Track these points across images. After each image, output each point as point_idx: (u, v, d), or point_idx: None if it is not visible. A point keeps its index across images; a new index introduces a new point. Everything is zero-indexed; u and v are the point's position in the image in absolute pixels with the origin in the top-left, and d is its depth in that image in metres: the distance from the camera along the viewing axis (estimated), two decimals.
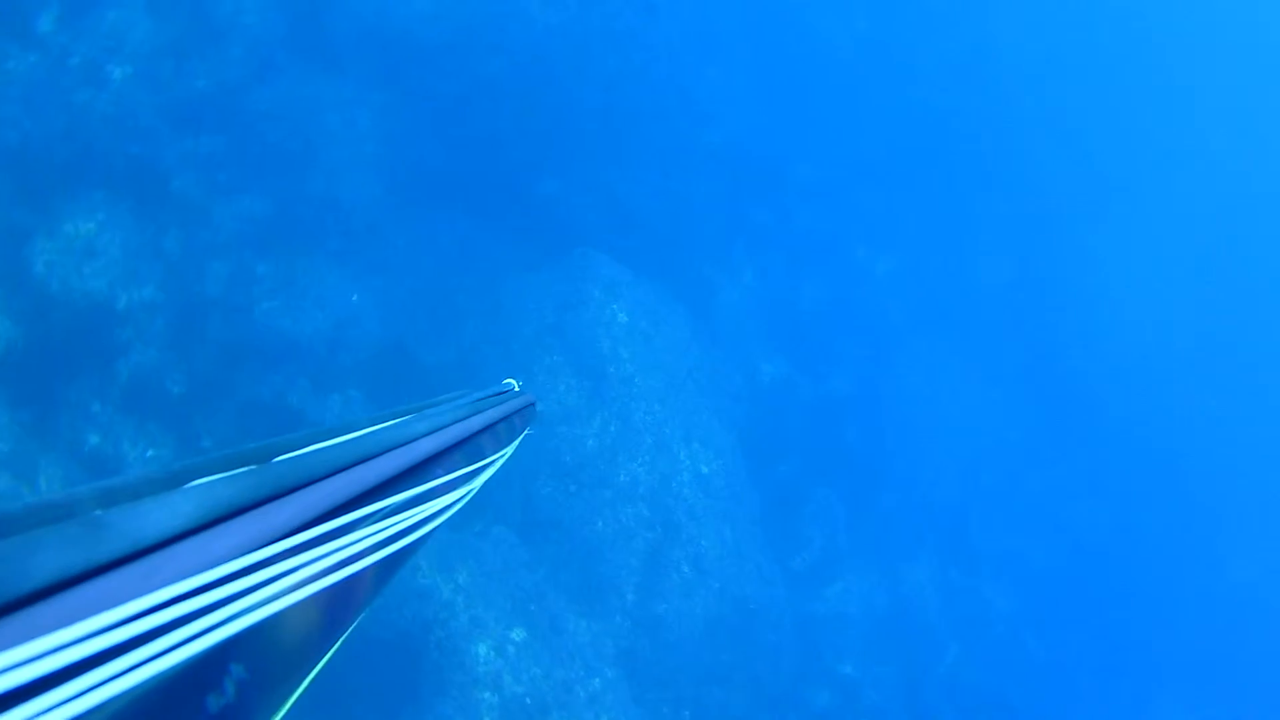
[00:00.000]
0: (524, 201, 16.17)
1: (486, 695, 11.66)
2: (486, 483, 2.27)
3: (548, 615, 12.76)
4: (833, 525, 17.92)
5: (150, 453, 12.10)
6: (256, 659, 1.17)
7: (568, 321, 14.70)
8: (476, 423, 2.18)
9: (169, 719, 1.01)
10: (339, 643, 1.50)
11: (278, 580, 1.18)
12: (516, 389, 2.78)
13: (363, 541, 1.45)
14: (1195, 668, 23.00)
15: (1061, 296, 25.23)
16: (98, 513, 0.98)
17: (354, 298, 13.86)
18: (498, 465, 2.40)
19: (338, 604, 1.42)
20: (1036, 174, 25.59)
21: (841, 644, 17.39)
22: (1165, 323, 26.88)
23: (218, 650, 1.06)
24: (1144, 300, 26.72)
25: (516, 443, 2.57)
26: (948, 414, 21.53)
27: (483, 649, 11.93)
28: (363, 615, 1.61)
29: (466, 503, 2.13)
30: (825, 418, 19.14)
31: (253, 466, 1.26)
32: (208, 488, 1.14)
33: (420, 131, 15.25)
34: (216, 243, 13.23)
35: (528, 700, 11.88)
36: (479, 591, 12.13)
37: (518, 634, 12.31)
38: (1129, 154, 27.97)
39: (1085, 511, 23.22)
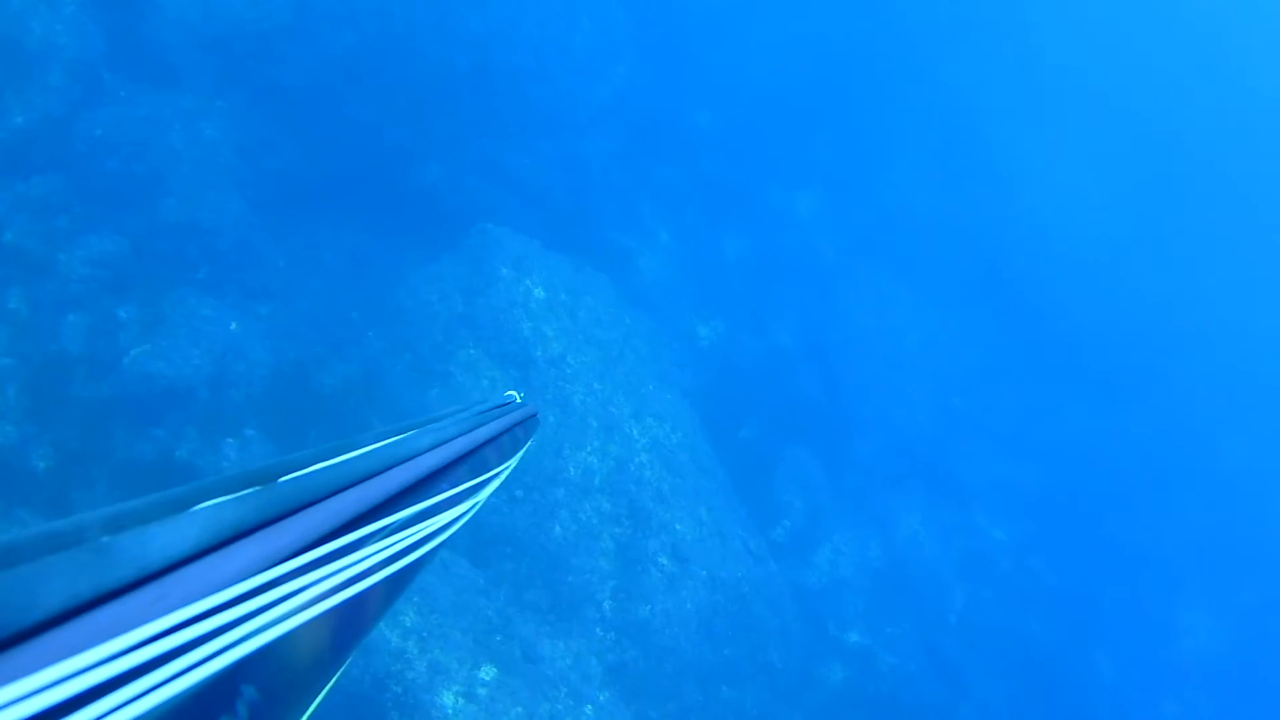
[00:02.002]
0: (407, 194, 14.87)
1: None
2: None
3: (518, 644, 10.98)
4: (810, 485, 16.43)
5: None
6: (268, 680, 1.16)
7: (478, 308, 12.98)
8: (480, 435, 2.16)
9: None
10: (349, 661, 1.50)
11: (287, 600, 1.19)
12: (519, 400, 2.76)
13: (370, 558, 1.44)
14: (1209, 559, 21.85)
15: (999, 207, 24.14)
16: (105, 539, 0.98)
17: (233, 326, 12.25)
18: (502, 478, 2.37)
19: (347, 622, 1.40)
20: (951, 86, 24.53)
21: (843, 612, 15.93)
22: (1109, 216, 25.79)
23: (229, 672, 1.06)
24: (1083, 197, 25.63)
25: (520, 455, 2.56)
26: (905, 347, 20.21)
27: (449, 698, 10.20)
28: (371, 633, 1.62)
29: (471, 517, 2.08)
30: (777, 373, 17.80)
31: (258, 487, 1.25)
32: (214, 510, 1.14)
33: (276, 134, 13.85)
34: (68, 294, 11.68)
35: None
36: (433, 632, 10.32)
37: (487, 672, 10.57)
38: (1049, 55, 26.90)
39: (1066, 422, 22.06)
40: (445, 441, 1.90)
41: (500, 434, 2.35)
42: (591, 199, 16.86)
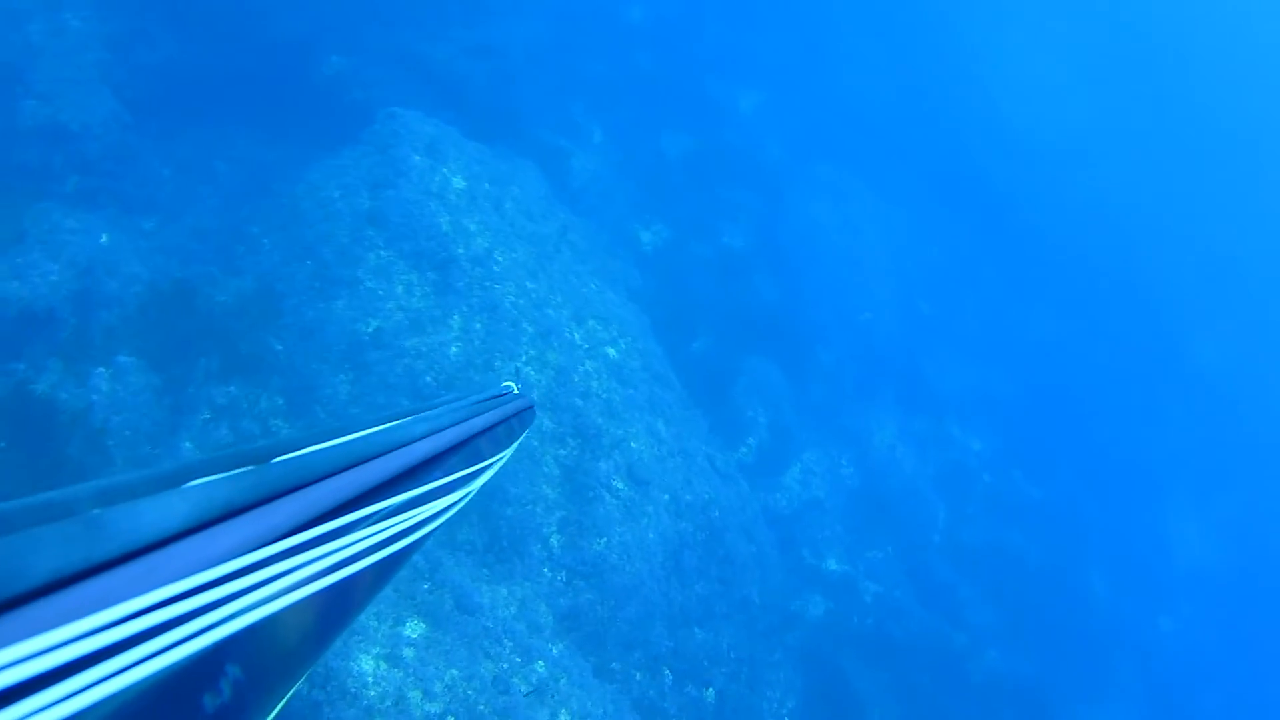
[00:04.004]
0: (306, 90, 13.43)
1: None
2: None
3: (449, 593, 9.12)
4: (774, 399, 14.87)
5: None
6: (253, 660, 1.16)
7: (388, 203, 11.06)
8: (475, 425, 2.13)
9: (166, 718, 1.00)
10: (334, 644, 1.60)
11: (275, 581, 1.18)
12: (515, 391, 2.70)
13: (360, 543, 1.44)
14: (1193, 465, 20.67)
15: (959, 97, 22.87)
16: (96, 512, 0.98)
17: (103, 239, 10.54)
18: (496, 468, 2.30)
19: (334, 606, 1.39)
20: None
21: (819, 537, 14.48)
22: (1076, 103, 24.36)
23: (215, 650, 1.06)
24: (1048, 84, 24.32)
25: (515, 446, 2.52)
26: (865, 247, 18.71)
27: (368, 663, 8.35)
28: (360, 616, 1.66)
29: (463, 506, 2.04)
30: (730, 279, 16.29)
31: (251, 467, 1.26)
32: (206, 488, 1.14)
33: (151, 24, 12.48)
34: None
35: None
36: None
37: (413, 629, 8.75)
38: None
39: (1037, 325, 20.71)
40: (439, 430, 1.88)
41: (495, 425, 2.30)
42: (516, 94, 15.37)
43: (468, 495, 2.08)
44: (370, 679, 8.17)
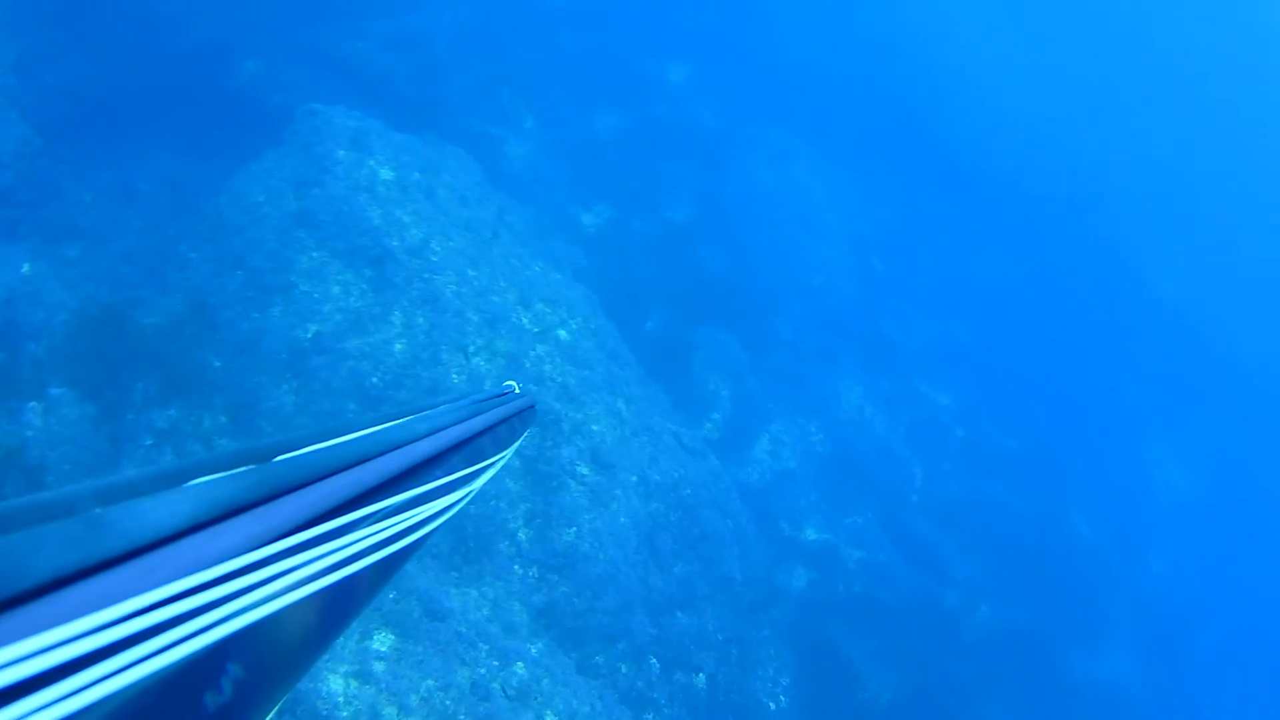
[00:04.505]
0: (223, 98, 13.00)
1: None
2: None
3: (417, 601, 8.61)
4: (735, 370, 14.53)
5: None
6: (254, 658, 1.16)
7: (315, 201, 10.53)
8: (476, 424, 2.11)
9: (166, 717, 1.00)
10: (334, 643, 1.57)
11: (276, 580, 1.18)
12: (517, 391, 2.68)
13: (361, 542, 1.43)
14: (1165, 401, 20.52)
15: (897, 52, 22.60)
16: (97, 510, 0.99)
17: (24, 269, 10.10)
18: (497, 468, 2.30)
19: (335, 604, 1.39)
20: None
21: (795, 507, 14.11)
22: (1020, 50, 24.13)
23: (216, 649, 1.06)
24: (988, 31, 23.94)
25: (516, 445, 2.51)
26: (813, 208, 18.37)
27: (337, 682, 7.84)
28: (359, 615, 1.61)
29: (464, 505, 2.05)
30: (677, 254, 15.91)
31: (252, 466, 1.26)
32: (207, 486, 1.15)
33: (57, 43, 12.02)
34: None
35: None
36: None
37: (382, 641, 8.20)
38: None
39: (994, 274, 20.43)
40: (441, 429, 1.87)
41: (496, 424, 2.26)
42: (441, 85, 15.01)
43: (469, 494, 2.07)
44: (341, 699, 7.67)
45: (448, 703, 8.04)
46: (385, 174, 11.05)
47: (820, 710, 11.75)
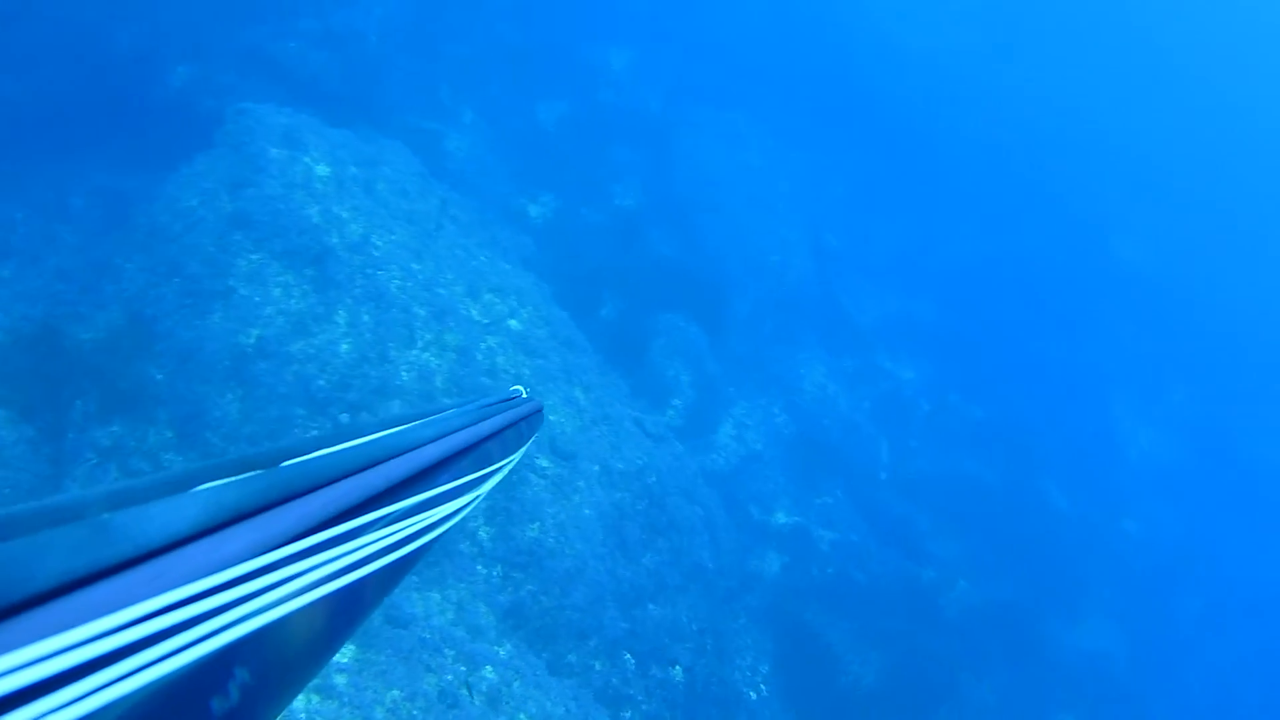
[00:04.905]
0: (154, 107, 12.61)
1: None
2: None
3: (377, 608, 8.04)
4: (694, 355, 14.26)
5: None
6: (261, 663, 1.15)
7: (251, 202, 10.13)
8: (484, 429, 2.11)
9: None
10: (342, 647, 1.50)
11: (284, 584, 1.17)
12: (524, 395, 2.66)
13: (369, 546, 1.41)
14: (1129, 364, 20.34)
15: (840, 23, 22.33)
16: (106, 516, 0.98)
17: None
18: (505, 472, 2.27)
19: (343, 609, 1.38)
20: None
21: (763, 491, 13.84)
22: (966, 15, 23.76)
23: (223, 654, 1.05)
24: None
25: (524, 449, 2.49)
26: (763, 188, 18.06)
27: (298, 700, 7.23)
28: (367, 619, 1.60)
29: (472, 509, 2.04)
30: (628, 240, 15.68)
31: (260, 470, 1.25)
32: (215, 492, 1.14)
33: None
34: None
35: None
36: None
37: (342, 653, 7.77)
38: None
39: (950, 245, 20.21)
40: (448, 433, 1.85)
41: (504, 428, 2.24)
42: (377, 82, 14.72)
43: (478, 498, 2.04)
44: (303, 717, 7.28)
45: (415, 712, 7.69)
46: (321, 170, 10.65)
47: (802, 697, 11.44)
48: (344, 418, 9.39)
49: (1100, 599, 15.33)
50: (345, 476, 1.37)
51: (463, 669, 8.20)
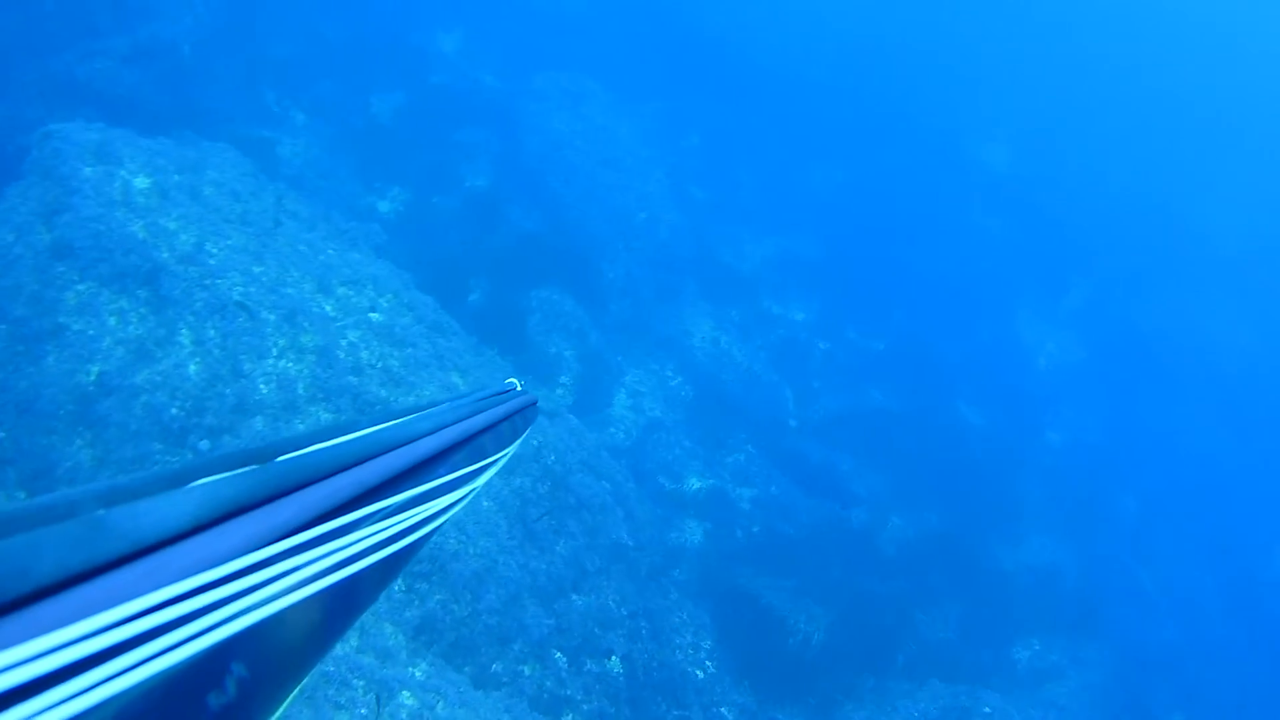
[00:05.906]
0: None
1: None
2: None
3: None
4: (574, 328, 13.71)
5: None
6: (258, 658, 1.15)
7: (69, 228, 9.10)
8: (478, 422, 2.06)
9: (171, 717, 0.99)
10: (339, 641, 1.47)
11: (280, 579, 1.17)
12: (519, 388, 2.61)
13: (365, 541, 1.42)
14: (1020, 268, 19.89)
15: None
16: (100, 512, 0.97)
17: None
18: (500, 465, 2.25)
19: (339, 603, 1.38)
20: None
21: (670, 459, 13.13)
22: None
23: (220, 649, 1.05)
24: None
25: (519, 442, 2.46)
26: (618, 148, 17.45)
27: None
28: (364, 614, 1.62)
29: (467, 502, 2.02)
30: (485, 219, 14.93)
31: (255, 466, 1.24)
32: (210, 487, 1.13)
33: None
34: None
35: None
36: None
37: None
38: None
39: (817, 179, 19.59)
40: (443, 427, 1.83)
41: (498, 421, 2.21)
42: (197, 94, 13.86)
43: (472, 492, 1.99)
44: None
45: None
46: (140, 182, 9.59)
47: (752, 667, 10.68)
48: (204, 444, 8.39)
49: (1038, 514, 14.85)
50: (340, 471, 1.33)
51: (375, 700, 7.25)
